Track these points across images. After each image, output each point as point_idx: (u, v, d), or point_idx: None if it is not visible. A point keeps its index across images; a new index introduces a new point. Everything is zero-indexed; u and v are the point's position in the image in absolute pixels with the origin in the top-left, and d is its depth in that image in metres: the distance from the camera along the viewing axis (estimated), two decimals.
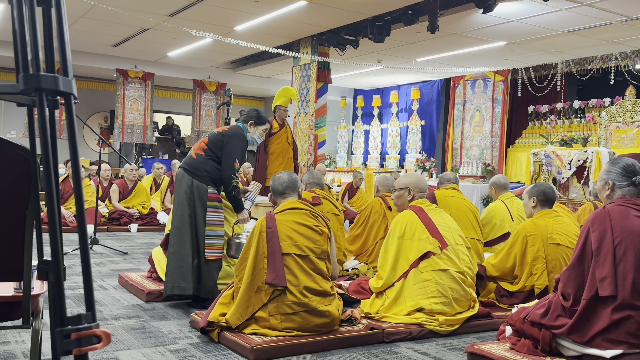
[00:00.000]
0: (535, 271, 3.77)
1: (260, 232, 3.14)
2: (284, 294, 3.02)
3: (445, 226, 3.55)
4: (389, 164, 14.23)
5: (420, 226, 3.49)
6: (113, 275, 4.84)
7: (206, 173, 3.87)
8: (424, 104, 13.84)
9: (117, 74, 13.07)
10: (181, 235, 3.81)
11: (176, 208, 3.87)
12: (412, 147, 13.68)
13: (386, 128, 14.71)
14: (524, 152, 11.17)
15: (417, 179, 3.76)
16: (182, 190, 3.87)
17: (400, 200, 3.76)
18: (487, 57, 10.83)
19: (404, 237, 3.47)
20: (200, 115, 14.18)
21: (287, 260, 3.08)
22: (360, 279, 3.95)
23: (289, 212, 3.25)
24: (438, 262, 3.39)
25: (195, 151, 3.95)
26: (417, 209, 3.60)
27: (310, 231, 3.20)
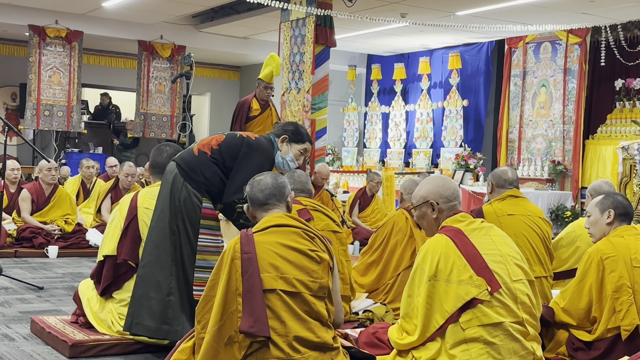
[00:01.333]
0: (620, 306, 3.75)
1: (232, 260, 3.13)
2: (266, 348, 3.01)
3: (496, 255, 3.45)
4: (417, 162, 14.25)
5: (460, 260, 3.37)
6: (23, 320, 4.81)
7: (204, 179, 3.96)
8: (466, 77, 13.86)
9: (30, 33, 13.04)
10: (158, 255, 3.90)
11: (157, 216, 3.97)
12: (450, 138, 13.71)
13: (413, 110, 14.73)
14: (609, 146, 11.19)
15: (438, 184, 3.67)
16: (168, 192, 3.97)
17: (426, 221, 3.69)
18: (556, 10, 10.85)
19: (437, 278, 3.35)
20: (149, 92, 14.21)
21: (270, 299, 3.07)
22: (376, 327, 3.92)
23: (274, 230, 3.25)
24: (487, 313, 3.27)
25: (200, 147, 4.06)
26: (453, 232, 3.48)
27: (304, 258, 3.19)
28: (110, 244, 4.29)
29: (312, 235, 3.30)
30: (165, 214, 3.97)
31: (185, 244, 3.93)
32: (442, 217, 3.61)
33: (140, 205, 4.34)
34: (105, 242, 4.36)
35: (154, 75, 14.25)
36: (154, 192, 4.32)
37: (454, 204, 3.63)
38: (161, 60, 14.26)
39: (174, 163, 4.05)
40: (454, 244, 3.42)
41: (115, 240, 4.28)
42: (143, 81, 14.17)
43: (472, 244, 3.45)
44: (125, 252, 4.21)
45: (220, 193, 4.00)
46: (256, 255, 3.14)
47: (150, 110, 14.25)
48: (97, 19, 13.34)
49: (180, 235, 3.94)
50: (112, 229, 4.38)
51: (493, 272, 3.38)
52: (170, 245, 3.93)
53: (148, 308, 3.89)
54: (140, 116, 14.22)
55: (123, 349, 4.04)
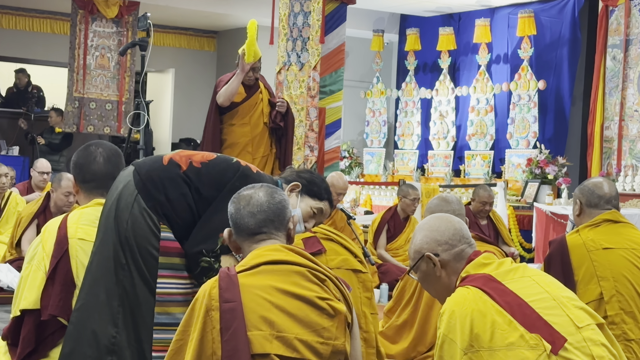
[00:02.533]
0: None
1: (206, 312, 3.13)
2: None
3: (547, 300, 3.52)
4: (472, 170, 14.38)
5: (502, 316, 3.40)
6: None
7: (165, 200, 3.93)
8: (543, 48, 13.97)
9: None
10: (97, 296, 3.90)
11: (99, 240, 3.98)
12: (520, 136, 13.81)
13: (467, 95, 14.89)
14: None
15: (431, 227, 3.73)
16: (114, 207, 3.96)
17: (431, 285, 3.74)
18: None
19: (476, 348, 3.39)
20: (86, 67, 14.25)
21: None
22: None
23: (268, 270, 3.24)
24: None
25: (174, 157, 4.06)
26: (481, 280, 3.53)
27: (311, 310, 3.19)
28: (31, 293, 4.20)
29: (323, 276, 3.30)
30: (109, 237, 3.95)
31: (139, 285, 3.90)
32: (449, 270, 3.66)
33: (72, 235, 4.27)
34: (22, 290, 4.27)
35: (94, 44, 14.34)
36: (90, 216, 4.27)
37: (461, 248, 3.68)
38: (104, 23, 14.33)
39: (132, 167, 4.03)
40: (487, 296, 3.46)
41: (37, 288, 4.19)
42: (78, 52, 14.24)
43: (511, 292, 3.49)
44: (54, 305, 4.13)
45: (184, 228, 3.95)
46: (242, 305, 3.13)
47: (88, 94, 14.30)
48: None
49: (130, 271, 3.91)
50: (32, 271, 4.28)
51: (550, 324, 3.40)
52: (115, 283, 3.91)
53: None
54: (74, 102, 14.26)
55: None
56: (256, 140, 7.74)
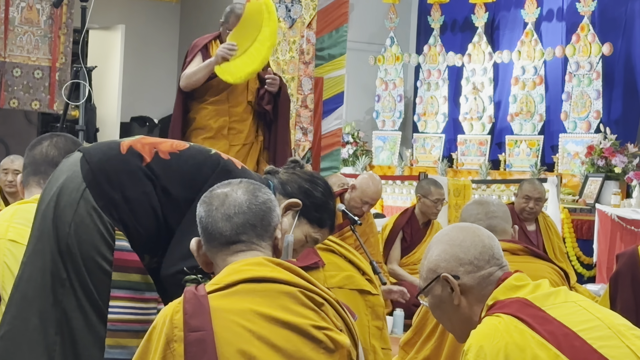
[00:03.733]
0: None
1: (167, 344, 3.15)
2: None
3: (600, 328, 3.56)
4: (515, 161, 14.36)
5: (545, 350, 3.41)
6: None
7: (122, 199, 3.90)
8: (606, 6, 13.96)
9: None
10: (27, 320, 3.90)
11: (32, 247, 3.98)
12: (578, 116, 13.81)
13: (509, 62, 14.91)
14: None
15: (449, 240, 3.74)
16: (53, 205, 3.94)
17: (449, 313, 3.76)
18: None
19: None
20: (8, 22, 14.30)
21: None
22: None
23: (247, 289, 3.26)
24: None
25: (135, 144, 4.02)
26: (516, 306, 3.56)
27: (304, 342, 3.22)
28: None
29: (320, 299, 3.32)
30: (44, 244, 3.95)
31: (84, 307, 3.90)
32: (472, 299, 3.69)
33: (1, 235, 4.32)
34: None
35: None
36: (27, 214, 4.27)
37: (490, 271, 3.69)
38: None
39: (78, 154, 4.00)
40: (525, 325, 3.48)
41: None
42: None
43: (554, 319, 3.53)
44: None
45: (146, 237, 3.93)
46: (213, 334, 3.15)
47: (11, 57, 14.33)
48: None
49: (73, 289, 3.90)
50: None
51: (607, 357, 3.44)
52: (52, 304, 3.91)
53: None
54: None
55: None
56: (235, 123, 7.82)
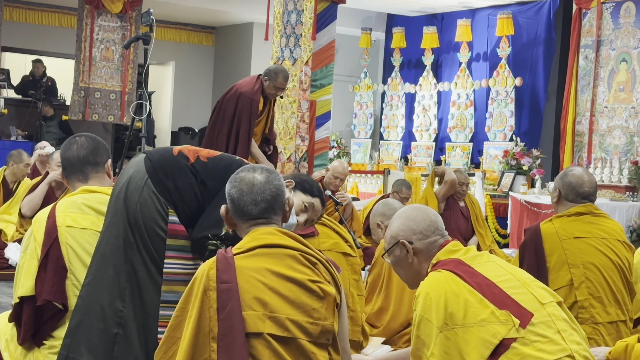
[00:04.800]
0: None
1: (205, 292, 3.11)
2: None
3: (512, 280, 3.57)
4: (453, 160, 14.38)
5: (473, 295, 3.43)
6: None
7: (174, 187, 3.93)
8: (520, 47, 14.00)
9: None
10: (105, 272, 3.90)
11: (109, 220, 3.97)
12: (498, 129, 13.83)
13: (448, 91, 14.88)
14: None
15: (408, 216, 3.77)
16: (124, 189, 3.95)
17: (402, 269, 3.78)
18: None
19: (450, 326, 3.41)
20: (92, 59, 14.21)
21: (255, 345, 3.07)
22: None
23: (262, 253, 3.23)
24: (526, 354, 3.35)
25: (183, 149, 4.06)
26: (452, 264, 3.57)
27: (303, 292, 3.18)
28: (27, 281, 4.16)
29: (315, 260, 3.28)
30: (118, 217, 3.94)
31: (147, 263, 3.90)
32: (421, 258, 3.71)
33: (60, 223, 4.21)
34: (19, 278, 4.23)
35: (100, 37, 14.25)
36: (77, 203, 4.24)
37: (434, 239, 3.72)
38: (109, 18, 14.25)
39: (143, 155, 4.04)
40: (459, 278, 3.50)
41: (32, 275, 4.15)
42: (84, 45, 14.15)
43: (480, 274, 3.54)
44: (47, 291, 4.09)
45: (190, 215, 3.94)
46: (237, 286, 3.11)
47: (93, 84, 14.23)
48: None
49: (139, 250, 3.90)
50: (26, 260, 4.23)
51: (517, 301, 3.47)
52: (124, 260, 3.90)
53: (87, 340, 3.87)
54: (80, 92, 14.19)
55: None
56: None
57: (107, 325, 3.87)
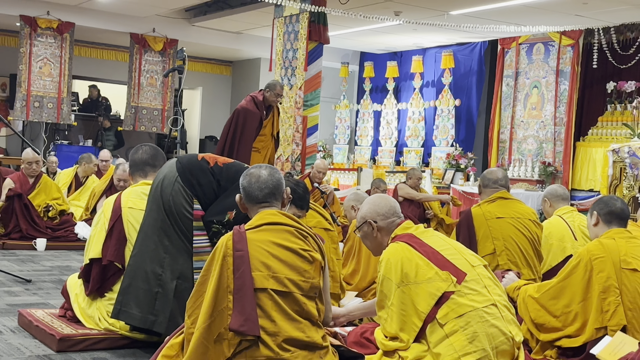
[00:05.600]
0: (607, 307, 3.80)
1: (224, 257, 3.13)
2: (255, 346, 3.01)
3: (450, 249, 3.58)
4: (409, 161, 14.25)
5: (422, 260, 3.45)
6: (10, 313, 4.79)
7: (197, 183, 3.99)
8: (459, 77, 13.89)
9: (21, 23, 12.96)
10: (148, 246, 3.96)
11: (150, 207, 4.02)
12: (442, 137, 13.73)
13: (405, 109, 14.73)
14: (600, 148, 11.22)
15: (375, 203, 3.80)
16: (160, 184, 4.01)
17: (369, 241, 3.80)
18: (550, 11, 10.88)
19: (405, 283, 3.42)
20: (140, 85, 14.16)
21: (261, 298, 3.07)
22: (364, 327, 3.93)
23: (267, 229, 3.24)
24: (461, 303, 3.36)
25: (205, 156, 4.13)
26: (406, 237, 3.58)
27: (296, 258, 3.20)
28: (96, 247, 4.27)
29: (305, 234, 3.31)
30: (156, 205, 3.99)
31: (180, 238, 3.95)
32: (383, 233, 3.74)
33: (124, 205, 4.33)
34: (90, 245, 4.35)
35: (146, 68, 14.18)
36: (137, 191, 4.36)
37: (393, 220, 3.74)
38: (153, 54, 14.20)
39: (174, 159, 4.09)
40: (411, 247, 3.52)
41: (101, 242, 4.27)
42: (134, 74, 14.09)
43: (426, 244, 3.55)
44: (111, 253, 4.20)
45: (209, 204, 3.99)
46: (248, 253, 3.14)
47: (141, 103, 14.19)
48: (89, 11, 13.25)
49: (173, 228, 3.95)
50: (97, 231, 4.35)
51: (455, 264, 3.48)
52: (161, 236, 3.95)
53: (135, 297, 3.92)
54: (131, 109, 14.14)
55: (111, 344, 4.03)
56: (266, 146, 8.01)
57: (150, 285, 3.91)
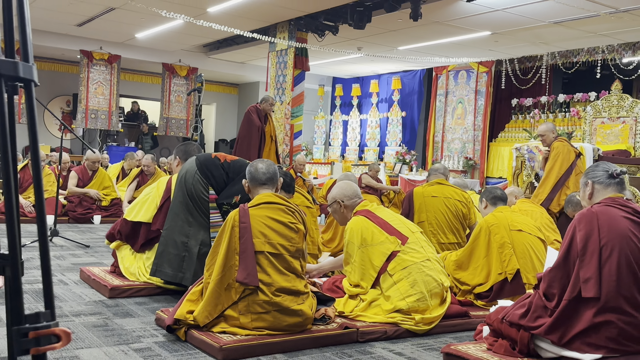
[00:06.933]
0: (504, 257, 3.91)
1: (232, 227, 3.13)
2: (255, 293, 3.02)
3: (396, 220, 3.62)
4: (368, 157, 14.30)
5: (376, 229, 3.50)
6: (74, 270, 4.78)
7: (211, 175, 3.95)
8: (405, 95, 13.92)
9: (81, 56, 12.89)
10: (176, 222, 3.94)
11: (177, 192, 3.99)
12: (392, 139, 13.75)
13: (365, 119, 14.77)
14: (507, 147, 11.32)
15: (341, 188, 3.80)
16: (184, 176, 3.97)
17: (338, 215, 3.80)
18: (470, 47, 10.93)
19: (364, 245, 3.47)
20: (170, 101, 14.07)
21: (259, 258, 3.07)
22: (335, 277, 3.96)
23: (264, 206, 3.24)
24: (404, 259, 3.41)
25: (218, 155, 4.08)
26: (364, 212, 3.62)
27: (286, 229, 3.20)
28: (147, 213, 4.22)
29: (292, 210, 3.30)
30: (182, 192, 3.96)
31: (201, 215, 3.92)
32: (347, 210, 3.75)
33: (172, 188, 4.29)
34: (141, 209, 4.26)
35: (174, 89, 14.07)
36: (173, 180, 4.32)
37: (354, 200, 3.76)
38: (179, 78, 14.09)
39: (194, 158, 4.05)
40: (368, 219, 3.55)
41: (151, 211, 4.22)
42: (165, 93, 13.99)
43: (379, 217, 3.59)
44: (159, 223, 4.16)
45: (220, 191, 3.95)
46: (250, 225, 3.13)
47: (170, 115, 14.10)
48: (131, 47, 13.21)
49: (195, 208, 3.92)
50: (148, 200, 4.27)
51: (400, 231, 3.52)
52: (186, 214, 3.92)
53: (168, 260, 3.91)
54: (164, 119, 14.04)
55: (149, 292, 4.02)
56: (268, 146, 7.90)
57: (179, 251, 3.90)
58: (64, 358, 2.72)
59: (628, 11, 8.21)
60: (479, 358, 2.78)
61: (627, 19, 8.58)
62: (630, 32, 9.36)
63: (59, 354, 2.76)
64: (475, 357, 2.79)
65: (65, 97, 14.89)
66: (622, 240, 2.63)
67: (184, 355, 2.84)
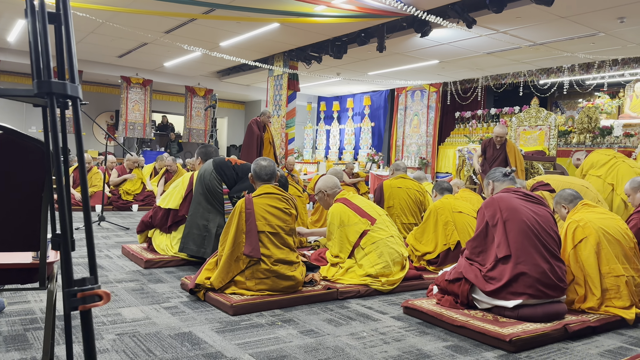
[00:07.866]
0: (448, 232, 3.96)
1: (240, 212, 3.11)
2: (258, 263, 3.02)
3: (367, 205, 3.60)
4: (346, 157, 14.27)
5: (351, 212, 3.49)
6: (117, 247, 4.74)
7: (224, 174, 3.90)
8: (373, 110, 13.89)
9: (121, 80, 12.74)
10: (197, 209, 3.88)
11: (197, 186, 3.92)
12: (364, 144, 13.74)
13: (344, 128, 14.71)
14: (451, 149, 11.38)
15: (325, 181, 3.77)
16: (202, 174, 3.91)
17: (323, 202, 3.79)
18: (423, 72, 10.96)
19: (342, 225, 3.46)
20: (191, 115, 13.93)
21: (261, 236, 3.06)
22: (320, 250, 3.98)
23: (265, 196, 3.22)
24: (374, 236, 3.41)
25: (230, 159, 4.00)
26: (343, 200, 3.61)
27: (282, 213, 3.18)
28: (175, 201, 4.15)
29: (287, 198, 3.28)
30: (201, 187, 3.91)
31: (217, 205, 3.87)
32: (330, 198, 3.72)
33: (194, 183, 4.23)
34: (170, 198, 4.19)
35: (194, 106, 13.92)
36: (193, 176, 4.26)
37: (335, 190, 3.73)
38: (198, 97, 13.95)
39: (211, 160, 3.98)
40: (345, 206, 3.53)
41: (178, 199, 4.15)
42: (188, 109, 13.83)
43: (354, 203, 3.57)
44: (185, 210, 4.11)
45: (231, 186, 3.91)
46: (254, 210, 3.11)
47: (192, 126, 13.95)
48: (161, 73, 13.05)
49: (212, 199, 3.88)
50: (176, 192, 4.19)
51: (369, 214, 3.50)
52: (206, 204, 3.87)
53: (192, 239, 3.86)
54: (187, 129, 13.88)
55: (176, 264, 3.98)
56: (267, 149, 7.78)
57: (201, 232, 3.84)
58: (110, 315, 2.71)
59: (543, 44, 8.30)
60: (430, 310, 2.82)
61: (542, 50, 8.67)
62: (545, 60, 9.46)
63: (106, 312, 2.75)
64: (428, 309, 2.83)
65: (109, 113, 14.71)
66: (517, 212, 2.77)
67: (203, 311, 2.84)
